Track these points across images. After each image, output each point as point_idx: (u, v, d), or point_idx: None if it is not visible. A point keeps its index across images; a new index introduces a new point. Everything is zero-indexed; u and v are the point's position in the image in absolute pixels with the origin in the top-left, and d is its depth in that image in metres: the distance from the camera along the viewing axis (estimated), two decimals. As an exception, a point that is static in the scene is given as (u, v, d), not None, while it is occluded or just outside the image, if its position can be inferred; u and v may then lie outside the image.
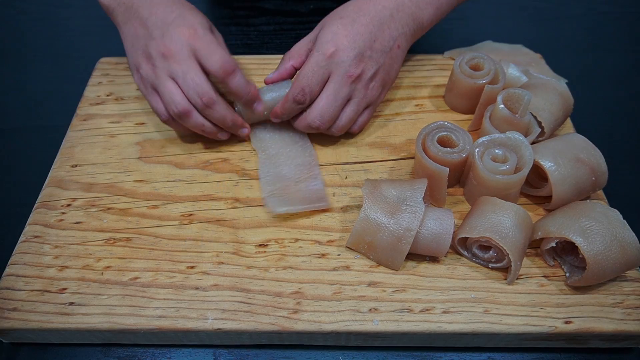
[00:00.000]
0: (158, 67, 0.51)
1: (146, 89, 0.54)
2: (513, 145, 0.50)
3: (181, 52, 0.50)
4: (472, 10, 0.84)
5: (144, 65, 0.53)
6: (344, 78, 0.53)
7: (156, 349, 0.48)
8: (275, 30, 0.80)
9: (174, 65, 0.51)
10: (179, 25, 0.51)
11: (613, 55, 0.78)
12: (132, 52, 0.55)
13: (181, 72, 0.51)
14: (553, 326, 0.45)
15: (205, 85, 0.51)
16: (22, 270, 0.49)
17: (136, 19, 0.54)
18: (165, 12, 0.53)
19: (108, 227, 0.52)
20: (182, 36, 0.51)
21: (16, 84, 0.74)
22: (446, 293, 0.47)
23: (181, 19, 0.52)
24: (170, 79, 0.51)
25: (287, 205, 0.52)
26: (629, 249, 0.45)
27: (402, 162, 0.58)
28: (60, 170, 0.57)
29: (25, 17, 0.85)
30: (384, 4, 0.55)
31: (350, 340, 0.47)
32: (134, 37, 0.54)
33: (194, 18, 0.53)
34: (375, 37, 0.54)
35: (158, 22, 0.52)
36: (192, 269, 0.49)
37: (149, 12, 0.53)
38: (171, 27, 0.51)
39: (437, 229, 0.47)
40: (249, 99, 0.54)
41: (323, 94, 0.54)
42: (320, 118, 0.54)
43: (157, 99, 0.53)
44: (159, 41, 0.51)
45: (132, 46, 0.55)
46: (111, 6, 0.57)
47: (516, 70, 0.61)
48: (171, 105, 0.52)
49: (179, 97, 0.51)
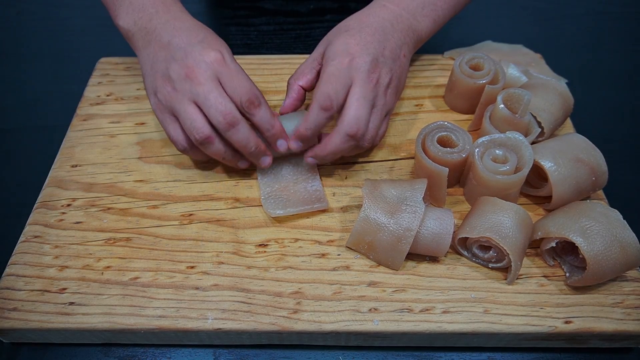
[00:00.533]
0: (178, 90, 0.49)
1: (163, 115, 0.51)
2: (513, 146, 0.50)
3: (204, 74, 0.48)
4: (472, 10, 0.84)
5: (162, 88, 0.50)
6: (367, 81, 0.51)
7: (156, 349, 0.48)
8: (275, 30, 0.80)
9: (197, 87, 0.48)
10: (204, 48, 0.49)
11: (613, 55, 0.78)
12: (150, 76, 0.52)
13: (203, 93, 0.48)
14: (553, 326, 0.45)
15: (229, 104, 0.48)
16: (22, 270, 0.49)
17: (157, 42, 0.51)
18: (190, 35, 0.51)
19: (108, 227, 0.52)
20: (207, 59, 0.49)
21: (16, 84, 0.74)
22: (446, 293, 0.47)
23: (206, 43, 0.50)
24: (191, 102, 0.49)
25: (285, 207, 0.52)
26: (629, 249, 0.45)
27: (402, 162, 0.58)
28: (60, 170, 0.57)
29: (25, 17, 0.85)
30: (383, 16, 0.55)
31: (350, 340, 0.47)
32: (153, 60, 0.52)
33: (219, 43, 0.51)
34: (383, 45, 0.53)
35: (181, 44, 0.50)
36: (192, 269, 0.49)
37: (171, 35, 0.51)
38: (195, 50, 0.49)
39: (437, 229, 0.47)
40: (273, 133, 0.51)
41: (351, 99, 0.50)
42: (356, 122, 0.50)
43: (175, 127, 0.51)
44: (182, 63, 0.49)
45: (150, 69, 0.52)
46: (131, 30, 0.54)
47: (516, 70, 0.61)
48: (192, 132, 0.49)
49: (201, 123, 0.48)
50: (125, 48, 0.60)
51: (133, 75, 0.67)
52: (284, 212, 0.52)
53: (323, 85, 0.50)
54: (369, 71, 0.51)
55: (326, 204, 0.53)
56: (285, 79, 0.66)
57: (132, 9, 0.54)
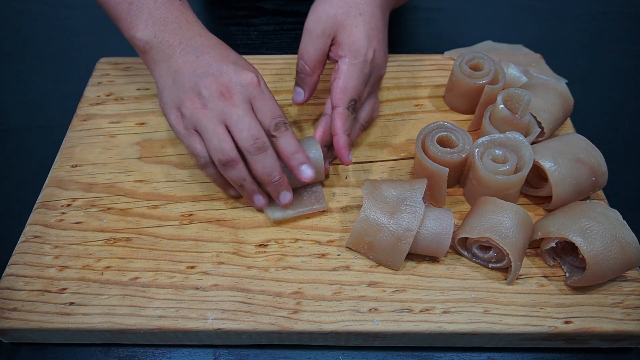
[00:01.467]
0: (210, 108, 0.47)
1: (186, 130, 0.49)
2: (513, 146, 0.50)
3: (240, 96, 0.47)
4: (472, 10, 0.84)
5: (189, 103, 0.48)
6: (379, 77, 0.56)
7: (156, 349, 0.48)
8: (275, 30, 0.80)
9: (231, 108, 0.47)
10: (240, 69, 0.48)
11: (613, 55, 0.78)
12: (173, 90, 0.49)
13: (237, 115, 0.47)
14: (553, 326, 0.45)
15: (261, 131, 0.47)
16: (22, 270, 0.49)
17: (182, 56, 0.49)
18: (221, 54, 0.50)
19: (108, 227, 0.52)
20: (243, 81, 0.48)
21: (16, 84, 0.74)
22: (446, 293, 0.47)
23: (240, 65, 0.49)
24: (221, 122, 0.47)
25: (284, 210, 0.52)
26: (629, 249, 0.45)
27: (402, 162, 0.58)
28: (60, 170, 0.57)
29: (25, 17, 0.85)
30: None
31: (350, 340, 0.47)
32: (176, 74, 0.49)
33: (252, 67, 0.51)
34: (385, 24, 0.55)
35: (213, 62, 0.49)
36: (192, 269, 0.49)
37: (200, 51, 0.49)
38: (230, 69, 0.48)
39: (437, 229, 0.47)
40: (297, 161, 0.49)
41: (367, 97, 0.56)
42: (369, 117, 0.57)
43: (198, 140, 0.48)
44: (215, 80, 0.47)
45: (173, 83, 0.49)
46: (150, 43, 0.51)
47: (516, 70, 0.61)
48: (218, 152, 0.47)
49: (229, 146, 0.47)
50: (125, 48, 0.60)
51: (133, 75, 0.67)
52: (283, 215, 0.52)
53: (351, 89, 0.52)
54: (384, 63, 0.55)
55: (325, 205, 0.53)
56: (286, 79, 0.66)
57: (153, 22, 0.51)
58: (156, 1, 0.52)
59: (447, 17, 0.69)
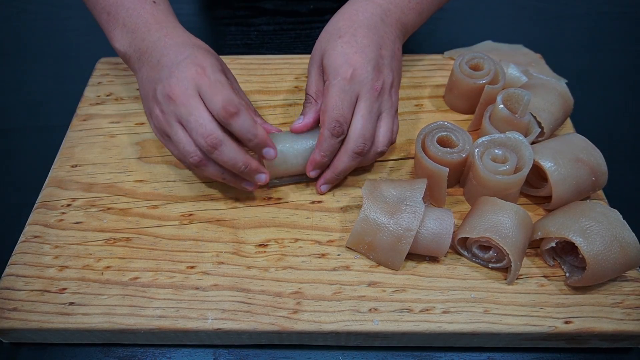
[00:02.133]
0: (165, 112, 0.48)
1: (162, 137, 0.50)
2: (513, 146, 0.50)
3: (185, 92, 0.47)
4: (472, 10, 0.84)
5: (155, 111, 0.49)
6: (372, 94, 0.51)
7: (156, 349, 0.48)
8: (275, 30, 0.80)
9: (180, 108, 0.47)
10: (187, 64, 0.48)
11: (613, 55, 0.78)
12: (145, 99, 0.51)
13: (185, 115, 0.46)
14: (553, 326, 0.45)
15: (210, 125, 0.46)
16: (22, 270, 0.49)
17: (148, 63, 0.50)
18: (177, 53, 0.49)
19: (108, 227, 0.52)
20: (189, 75, 0.47)
21: (16, 84, 0.74)
22: (446, 293, 0.47)
23: (190, 59, 0.48)
24: (178, 124, 0.48)
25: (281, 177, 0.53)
26: (629, 249, 0.45)
27: (402, 162, 0.58)
28: (60, 170, 0.57)
29: (25, 17, 0.85)
30: (372, 11, 0.54)
31: (350, 340, 0.47)
32: (145, 81, 0.51)
33: (204, 58, 0.49)
34: (379, 45, 0.53)
35: (168, 63, 0.49)
36: (192, 269, 0.49)
37: (161, 54, 0.50)
38: (179, 68, 0.48)
39: (437, 229, 0.47)
40: (257, 142, 0.48)
41: (357, 115, 0.51)
42: (363, 139, 0.50)
43: (173, 145, 0.50)
44: (166, 83, 0.48)
45: (144, 91, 0.51)
46: (127, 53, 0.53)
47: (516, 70, 0.61)
48: (186, 156, 0.48)
49: (192, 148, 0.47)
50: (125, 48, 0.60)
51: (133, 75, 0.67)
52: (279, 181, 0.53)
53: (330, 110, 0.50)
54: (373, 80, 0.51)
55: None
56: (286, 79, 0.66)
57: (126, 30, 0.52)
58: (128, 9, 0.53)
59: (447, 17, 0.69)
